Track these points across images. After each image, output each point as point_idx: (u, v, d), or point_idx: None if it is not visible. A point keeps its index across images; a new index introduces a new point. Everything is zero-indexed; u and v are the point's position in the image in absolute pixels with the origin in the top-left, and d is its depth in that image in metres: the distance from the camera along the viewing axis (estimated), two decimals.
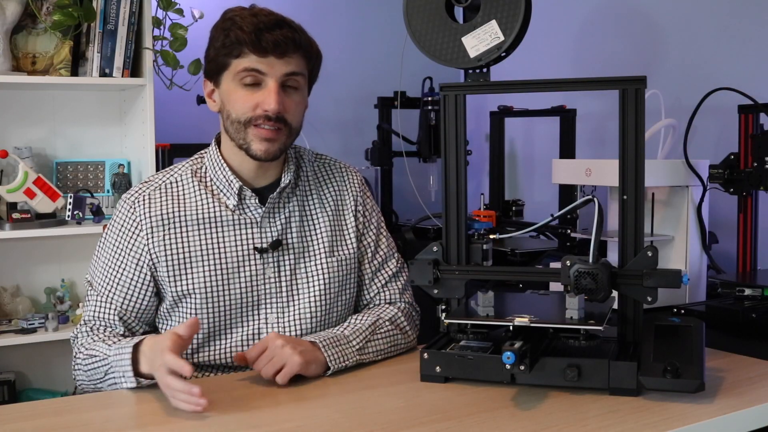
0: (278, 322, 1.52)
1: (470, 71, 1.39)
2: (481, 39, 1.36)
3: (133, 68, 2.56)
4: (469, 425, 1.16)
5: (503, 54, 1.37)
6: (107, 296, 1.51)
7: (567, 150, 2.69)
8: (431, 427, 1.15)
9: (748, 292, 1.68)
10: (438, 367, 1.34)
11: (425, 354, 1.35)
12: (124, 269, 1.51)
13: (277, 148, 1.49)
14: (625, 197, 1.32)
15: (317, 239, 1.57)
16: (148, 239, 1.50)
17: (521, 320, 1.29)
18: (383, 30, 3.32)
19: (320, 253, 1.56)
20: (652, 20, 2.59)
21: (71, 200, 2.50)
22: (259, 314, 1.52)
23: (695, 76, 2.43)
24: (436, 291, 1.40)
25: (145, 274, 1.50)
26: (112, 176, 2.64)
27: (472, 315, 1.37)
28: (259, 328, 1.52)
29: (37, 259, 2.70)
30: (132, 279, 1.51)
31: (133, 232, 1.51)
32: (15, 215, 2.41)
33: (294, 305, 1.54)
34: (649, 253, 1.29)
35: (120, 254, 1.52)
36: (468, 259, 1.41)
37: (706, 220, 1.85)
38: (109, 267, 1.52)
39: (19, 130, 2.66)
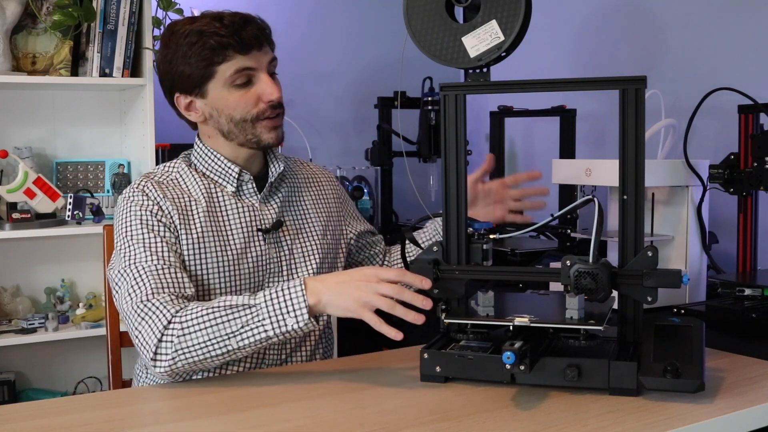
0: None
1: (470, 71, 1.39)
2: (481, 39, 1.36)
3: (133, 68, 2.56)
4: (469, 425, 1.16)
5: (503, 54, 1.36)
6: (161, 259, 1.45)
7: (567, 150, 2.69)
8: (431, 427, 1.15)
9: (748, 292, 1.68)
10: (438, 367, 1.34)
11: (425, 354, 1.35)
12: (162, 235, 1.48)
13: (282, 132, 1.60)
14: (625, 197, 1.32)
15: (308, 221, 1.68)
16: (170, 216, 1.51)
17: (521, 320, 1.29)
18: (383, 30, 3.32)
19: (313, 234, 1.67)
20: (652, 20, 2.59)
21: (71, 200, 2.50)
22: (263, 289, 1.56)
23: (695, 76, 2.43)
24: (436, 291, 1.40)
25: (176, 241, 1.50)
26: (112, 176, 2.64)
27: (472, 315, 1.37)
28: None
29: (37, 259, 2.70)
30: (172, 242, 1.49)
31: (157, 210, 1.51)
32: (15, 215, 2.41)
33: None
34: (649, 253, 1.29)
35: (151, 226, 1.49)
36: (468, 259, 1.41)
37: (706, 220, 1.85)
38: (147, 240, 1.47)
39: (19, 130, 2.66)
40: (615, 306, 1.36)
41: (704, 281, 1.86)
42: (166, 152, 2.64)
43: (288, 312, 1.33)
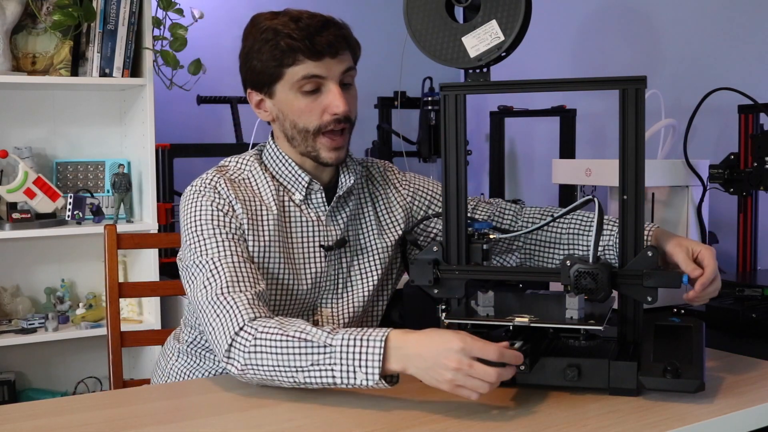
0: (332, 314, 1.55)
1: (470, 71, 1.39)
2: (481, 39, 1.36)
3: (133, 68, 2.56)
4: (469, 425, 1.16)
5: (503, 54, 1.36)
6: (235, 254, 1.40)
7: (567, 150, 2.69)
8: (431, 427, 1.15)
9: (748, 292, 1.68)
10: None
11: None
12: (234, 232, 1.44)
13: (344, 153, 1.52)
14: (625, 197, 1.32)
15: (372, 238, 1.59)
16: (240, 218, 1.46)
17: (521, 320, 1.29)
18: (383, 30, 3.32)
19: (374, 251, 1.59)
20: (652, 20, 2.59)
21: (71, 200, 2.51)
22: (314, 307, 1.55)
23: (695, 76, 2.43)
24: (436, 291, 1.40)
25: (245, 242, 1.45)
26: (112, 176, 2.64)
27: (472, 315, 1.37)
28: (313, 320, 1.54)
29: (37, 259, 2.70)
30: (242, 240, 1.44)
31: (228, 209, 1.45)
32: (15, 215, 2.41)
33: (347, 298, 1.57)
34: (649, 253, 1.29)
35: (224, 224, 1.44)
36: (468, 259, 1.41)
37: (706, 220, 1.85)
38: (220, 235, 1.42)
39: (19, 130, 2.67)
40: (615, 306, 1.36)
41: None
42: (166, 152, 2.64)
43: (360, 366, 1.21)
